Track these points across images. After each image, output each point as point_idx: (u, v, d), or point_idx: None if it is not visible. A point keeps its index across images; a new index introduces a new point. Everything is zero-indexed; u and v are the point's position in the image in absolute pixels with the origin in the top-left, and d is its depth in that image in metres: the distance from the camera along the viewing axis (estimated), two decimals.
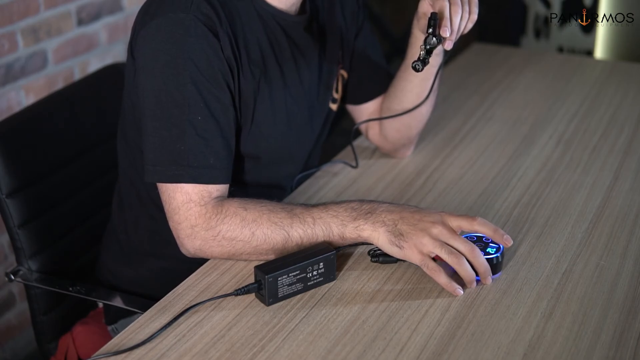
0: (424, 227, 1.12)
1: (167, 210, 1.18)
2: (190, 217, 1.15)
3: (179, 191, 1.16)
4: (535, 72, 2.00)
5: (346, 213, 1.15)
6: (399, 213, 1.15)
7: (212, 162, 1.17)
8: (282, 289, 1.09)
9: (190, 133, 1.16)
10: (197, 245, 1.16)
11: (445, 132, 1.66)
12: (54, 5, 2.11)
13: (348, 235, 1.15)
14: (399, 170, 1.50)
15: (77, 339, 1.44)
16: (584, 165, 1.50)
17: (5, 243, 2.10)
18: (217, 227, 1.15)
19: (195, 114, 1.16)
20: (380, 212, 1.15)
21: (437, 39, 1.22)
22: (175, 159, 1.16)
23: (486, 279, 1.12)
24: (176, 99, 1.16)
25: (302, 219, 1.15)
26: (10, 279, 1.41)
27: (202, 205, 1.15)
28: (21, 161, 1.39)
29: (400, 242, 1.12)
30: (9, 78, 2.03)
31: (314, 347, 1.01)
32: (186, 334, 1.03)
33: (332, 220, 1.15)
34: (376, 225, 1.13)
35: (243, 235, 1.14)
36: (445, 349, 1.00)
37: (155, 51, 1.17)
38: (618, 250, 1.22)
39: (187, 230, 1.16)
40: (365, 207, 1.16)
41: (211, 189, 1.17)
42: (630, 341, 1.02)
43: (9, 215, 1.38)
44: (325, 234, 1.15)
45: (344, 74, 1.48)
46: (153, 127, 1.17)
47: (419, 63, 1.22)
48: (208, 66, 1.17)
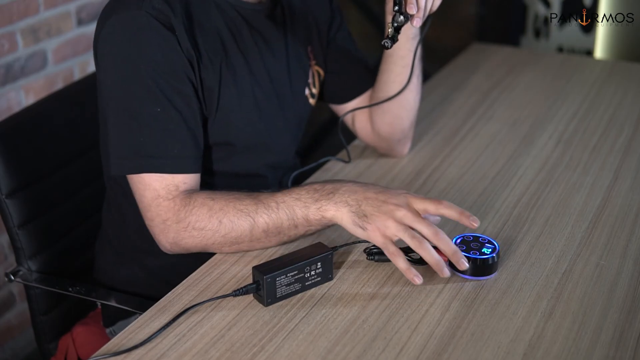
0: (388, 209, 1.11)
1: (140, 209, 1.22)
2: (161, 212, 1.18)
3: (147, 188, 1.18)
4: (535, 72, 2.00)
5: (308, 195, 1.16)
6: (363, 193, 1.14)
7: (177, 151, 1.19)
8: (281, 289, 1.09)
9: (150, 124, 1.18)
10: (171, 239, 1.19)
11: (445, 132, 1.66)
12: (53, 5, 2.11)
13: (312, 217, 1.15)
14: (399, 170, 1.50)
15: (77, 340, 1.44)
16: (583, 165, 1.50)
17: (5, 243, 2.10)
18: (187, 219, 1.17)
19: (155, 105, 1.18)
20: (343, 192, 1.15)
21: (404, 16, 1.23)
22: (138, 150, 1.18)
23: (458, 263, 1.10)
24: (135, 93, 1.18)
25: (267, 204, 1.16)
26: (10, 279, 1.41)
27: (170, 199, 1.18)
28: (21, 161, 1.39)
29: (364, 224, 1.11)
30: (9, 78, 2.03)
31: (314, 347, 1.01)
32: (186, 334, 1.03)
33: (295, 203, 1.15)
34: (339, 205, 1.13)
35: (211, 224, 1.16)
36: (445, 349, 1.00)
37: (112, 49, 1.20)
38: (618, 250, 1.22)
39: (160, 226, 1.19)
40: (328, 187, 1.16)
41: (177, 181, 1.19)
42: (630, 341, 1.02)
43: (9, 216, 1.38)
44: (289, 217, 1.15)
45: (320, 70, 1.49)
46: (115, 123, 1.21)
47: (387, 41, 1.23)
48: (164, 60, 1.19)
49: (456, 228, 1.28)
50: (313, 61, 1.47)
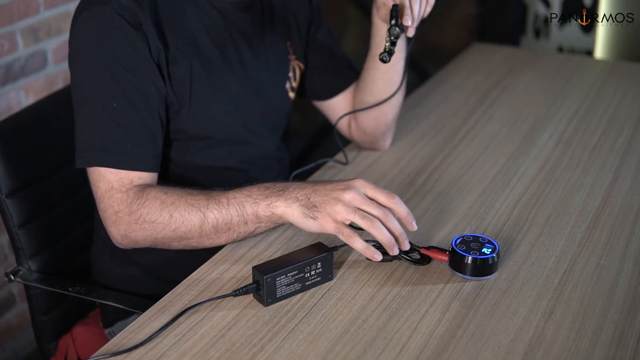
0: (336, 195, 1.12)
1: (95, 200, 1.22)
2: (113, 203, 1.19)
3: (101, 179, 1.19)
4: (535, 72, 2.00)
5: (259, 192, 1.16)
6: (312, 187, 1.16)
7: (130, 148, 1.20)
8: (280, 289, 1.09)
9: (105, 119, 1.19)
10: (122, 231, 1.19)
11: (445, 132, 1.66)
12: (53, 5, 2.11)
13: (262, 213, 1.15)
14: (399, 170, 1.50)
15: (77, 340, 1.44)
16: (583, 165, 1.50)
17: (5, 243, 2.10)
18: (139, 211, 1.17)
19: (111, 100, 1.20)
20: (293, 189, 1.16)
21: (400, 28, 1.26)
22: (93, 143, 1.20)
23: (402, 244, 1.13)
24: (93, 87, 1.20)
25: (218, 200, 1.17)
26: (10, 279, 1.41)
27: (124, 191, 1.19)
28: (21, 161, 1.39)
29: (314, 213, 1.12)
30: (9, 78, 2.03)
31: (314, 347, 1.01)
32: (186, 334, 1.03)
33: (245, 199, 1.16)
34: (289, 201, 1.14)
35: (162, 217, 1.17)
36: (445, 349, 1.00)
37: (78, 44, 1.22)
38: (618, 250, 1.22)
39: (112, 217, 1.19)
40: (279, 186, 1.17)
41: (132, 176, 1.20)
42: (630, 341, 1.02)
43: (9, 216, 1.38)
44: (239, 213, 1.16)
45: (300, 64, 1.49)
46: (76, 115, 1.23)
47: (385, 55, 1.26)
48: (126, 56, 1.20)
49: (457, 228, 1.28)
50: (293, 56, 1.48)
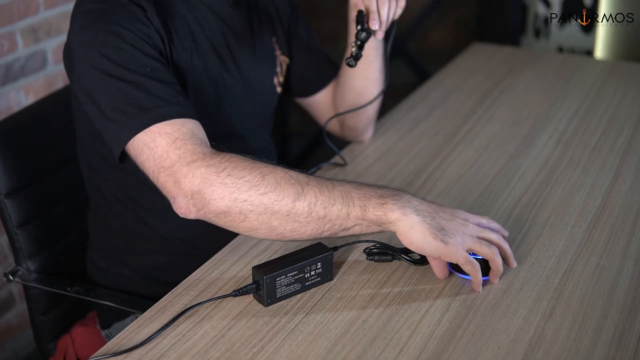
0: (459, 223, 1.07)
1: (152, 167, 1.04)
2: (185, 153, 1.02)
3: (158, 136, 1.04)
4: (535, 72, 2.00)
5: (369, 188, 1.05)
6: (431, 205, 1.06)
7: (182, 100, 1.10)
8: (280, 290, 1.09)
9: (146, 82, 1.09)
10: (196, 185, 1.01)
11: (445, 132, 1.66)
12: (53, 5, 2.11)
13: (371, 209, 1.02)
14: (399, 170, 1.49)
15: (76, 340, 1.44)
16: (584, 165, 1.50)
17: (5, 243, 2.10)
18: (222, 164, 1.02)
19: (144, 66, 1.11)
20: (409, 198, 1.04)
21: (367, 32, 1.26)
22: (140, 107, 1.06)
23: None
24: (118, 60, 1.11)
25: (320, 181, 1.04)
26: (9, 280, 1.41)
27: (193, 143, 1.03)
28: (20, 161, 1.39)
29: (445, 238, 1.04)
30: (9, 78, 2.03)
31: (314, 347, 1.01)
32: (186, 334, 1.03)
33: (354, 189, 1.04)
34: (408, 210, 1.02)
35: (252, 176, 1.01)
36: (445, 349, 1.00)
37: (84, 32, 1.16)
38: (618, 250, 1.22)
39: (184, 169, 1.01)
40: (391, 190, 1.07)
41: (191, 127, 1.06)
42: (630, 341, 1.02)
43: (8, 216, 1.38)
44: (344, 202, 1.02)
45: (285, 60, 1.50)
46: (105, 99, 1.10)
47: (351, 60, 1.26)
48: (137, 29, 1.15)
49: None
50: (279, 51, 1.48)
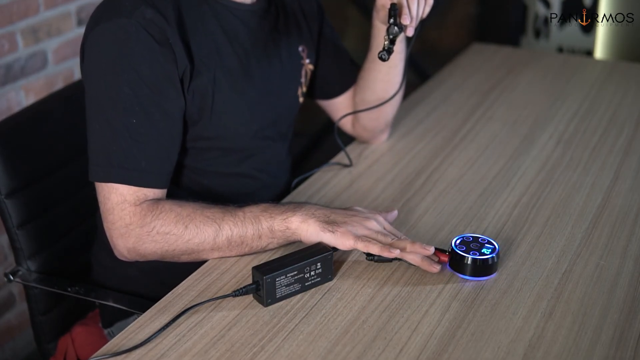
0: (358, 219, 1.18)
1: (102, 211, 1.20)
2: (125, 216, 1.17)
3: (114, 192, 1.18)
4: (535, 72, 2.00)
5: (276, 208, 1.19)
6: (330, 209, 1.21)
7: (144, 165, 1.19)
8: (280, 290, 1.09)
9: (122, 135, 1.18)
10: (131, 244, 1.18)
11: (445, 132, 1.66)
12: (53, 5, 2.11)
13: (276, 227, 1.17)
14: (399, 170, 1.49)
15: (77, 340, 1.44)
16: (584, 165, 1.50)
17: (5, 243, 2.10)
18: (152, 223, 1.16)
19: (130, 117, 1.18)
20: (309, 207, 1.19)
21: (398, 27, 1.28)
22: (109, 159, 1.18)
23: (425, 251, 1.14)
24: (113, 101, 1.18)
25: (234, 213, 1.18)
26: (9, 280, 1.41)
27: (137, 205, 1.18)
28: (20, 161, 1.39)
29: (334, 227, 1.15)
30: (9, 78, 2.03)
31: (314, 347, 1.01)
32: (186, 334, 1.03)
33: (261, 214, 1.18)
34: (305, 216, 1.17)
35: (177, 229, 1.16)
36: (445, 349, 1.00)
37: (98, 55, 1.19)
38: (618, 250, 1.22)
39: (122, 230, 1.17)
40: (295, 203, 1.22)
41: (146, 192, 1.19)
42: (630, 341, 1.02)
43: (8, 216, 1.38)
44: (254, 227, 1.17)
45: (310, 68, 1.50)
46: (92, 128, 1.21)
47: (384, 53, 1.28)
48: (149, 72, 1.18)
49: (456, 228, 1.28)
50: (306, 60, 1.48)
